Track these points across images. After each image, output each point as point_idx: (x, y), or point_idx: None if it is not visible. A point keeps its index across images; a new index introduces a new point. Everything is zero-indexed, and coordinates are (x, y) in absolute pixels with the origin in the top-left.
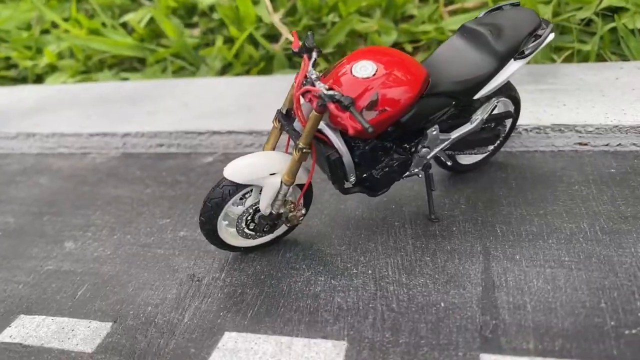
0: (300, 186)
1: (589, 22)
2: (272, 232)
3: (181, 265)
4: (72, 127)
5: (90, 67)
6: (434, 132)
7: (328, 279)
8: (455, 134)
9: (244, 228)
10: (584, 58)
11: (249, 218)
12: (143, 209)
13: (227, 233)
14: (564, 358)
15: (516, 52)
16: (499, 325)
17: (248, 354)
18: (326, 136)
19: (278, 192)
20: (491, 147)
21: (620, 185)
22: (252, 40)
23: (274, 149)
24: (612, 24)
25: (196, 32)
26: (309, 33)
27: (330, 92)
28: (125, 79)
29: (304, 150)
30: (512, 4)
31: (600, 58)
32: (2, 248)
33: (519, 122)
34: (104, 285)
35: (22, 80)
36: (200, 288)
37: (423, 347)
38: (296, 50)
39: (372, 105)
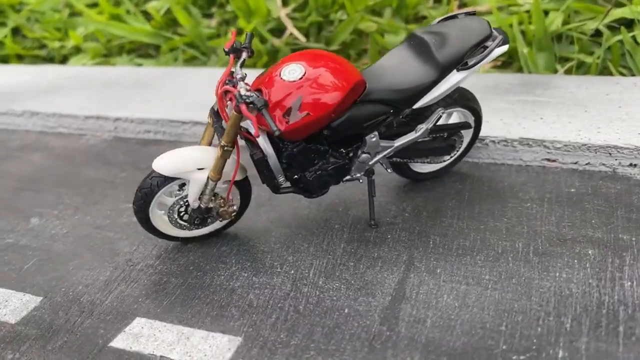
0: (236, 183)
1: (600, 33)
2: (206, 225)
3: (123, 250)
4: (72, 108)
5: (111, 51)
6: (373, 139)
7: (250, 276)
8: (399, 142)
9: (176, 219)
10: (589, 70)
11: (181, 210)
12: (111, 191)
13: (163, 222)
14: None
15: (459, 63)
16: (391, 337)
17: (148, 340)
18: (252, 136)
19: (205, 187)
20: (447, 157)
21: (574, 206)
22: (260, 33)
23: (209, 145)
24: (619, 37)
25: (213, 22)
26: (248, 33)
27: (246, 93)
28: (140, 64)
29: (225, 148)
30: (468, 13)
31: (608, 71)
32: None
33: (489, 132)
34: (49, 261)
35: (50, 60)
36: (132, 273)
37: (310, 351)
38: (226, 49)
39: (294, 109)
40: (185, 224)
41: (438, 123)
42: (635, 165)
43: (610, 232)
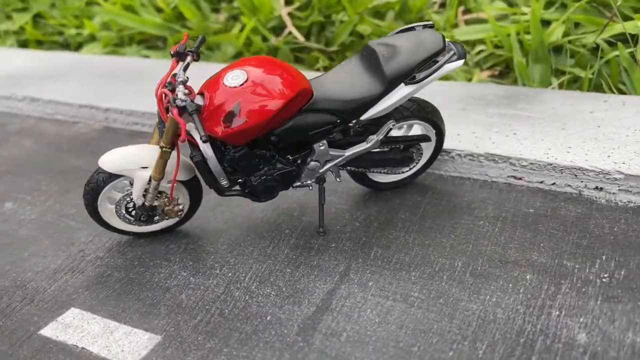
0: (185, 183)
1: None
2: (153, 222)
3: (79, 240)
4: (69, 96)
5: (122, 41)
6: (322, 147)
7: (188, 275)
8: (350, 152)
9: (124, 214)
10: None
11: (129, 205)
12: (85, 181)
13: (113, 216)
14: None
15: (407, 77)
16: (303, 349)
17: (75, 331)
18: (193, 138)
19: (149, 185)
20: (406, 169)
21: (527, 227)
22: (263, 31)
23: (158, 144)
24: (616, 52)
25: (222, 17)
26: (200, 37)
27: (181, 97)
28: (147, 56)
29: (164, 149)
30: (425, 26)
31: (606, 87)
32: None
33: (457, 145)
34: (10, 246)
35: (66, 46)
36: (80, 264)
37: (221, 356)
38: (172, 52)
39: (231, 115)
40: (132, 219)
41: (396, 135)
42: (601, 189)
43: (555, 258)
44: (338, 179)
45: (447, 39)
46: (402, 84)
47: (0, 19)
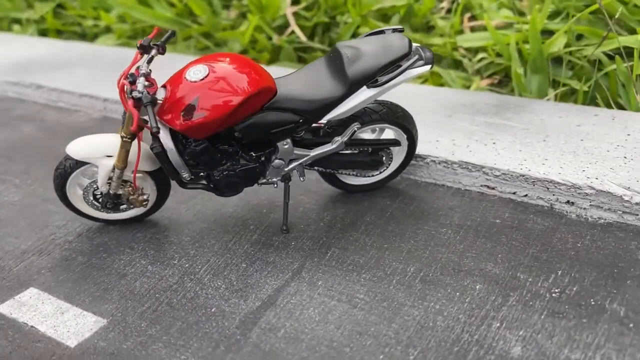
0: (151, 174)
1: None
2: (120, 210)
3: (53, 223)
4: (72, 85)
5: (136, 34)
6: (286, 146)
7: (147, 264)
8: (315, 152)
9: (91, 200)
10: (586, 99)
11: (96, 192)
12: None
13: (82, 202)
14: None
15: (369, 80)
16: (239, 342)
17: (29, 309)
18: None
19: (112, 174)
20: (376, 172)
21: (490, 238)
22: (271, 29)
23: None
24: (614, 66)
25: (232, 14)
26: (170, 31)
27: (139, 89)
28: None
29: (124, 138)
30: (395, 30)
31: (605, 101)
32: None
33: (432, 152)
34: None
35: (83, 37)
36: (49, 246)
37: (159, 343)
38: (138, 45)
39: (190, 109)
40: (99, 205)
41: (367, 138)
42: (572, 203)
43: (510, 270)
44: (302, 178)
45: (419, 45)
46: (365, 87)
47: (23, 7)
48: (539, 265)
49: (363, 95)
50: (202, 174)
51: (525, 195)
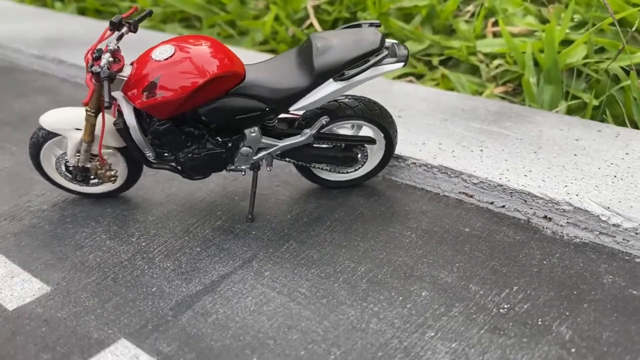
0: (122, 151)
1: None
2: (89, 184)
3: (33, 192)
4: None
5: (166, 18)
6: (253, 134)
7: (107, 239)
8: (284, 143)
9: (64, 171)
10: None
11: (68, 164)
12: None
13: (55, 172)
14: None
15: (336, 73)
16: (168, 323)
17: None
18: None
19: (80, 147)
20: (351, 170)
21: (454, 246)
22: (292, 21)
23: None
24: (628, 82)
25: (260, 4)
26: (147, 10)
27: (102, 64)
28: (181, 34)
29: (88, 112)
30: (372, 24)
31: (621, 118)
32: None
33: (413, 154)
34: None
35: None
36: (22, 213)
37: (91, 315)
38: (110, 21)
39: (151, 87)
40: (70, 176)
41: (343, 133)
42: (549, 219)
43: (463, 280)
44: (268, 168)
45: (396, 42)
46: (331, 80)
47: None
48: (495, 279)
49: (329, 88)
50: (166, 154)
51: (503, 207)
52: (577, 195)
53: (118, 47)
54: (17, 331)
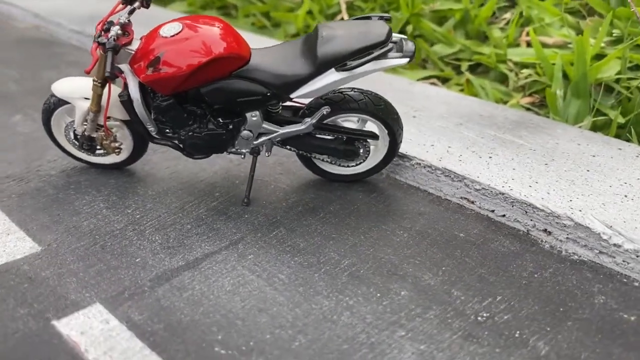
0: (128, 125)
1: None
2: (95, 154)
3: (46, 157)
4: None
5: (206, 4)
6: (254, 118)
7: (104, 208)
8: (284, 130)
9: (72, 139)
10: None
11: (76, 132)
12: None
13: (64, 139)
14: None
15: (338, 63)
16: (144, 293)
17: None
18: (124, 77)
19: (87, 116)
20: (352, 163)
21: (444, 249)
22: (325, 16)
23: None
24: None
25: None
26: None
27: (111, 35)
28: None
29: (94, 82)
30: (381, 17)
31: None
32: None
33: (419, 154)
34: None
35: (160, 2)
36: (31, 176)
37: (72, 278)
38: None
39: (155, 63)
40: (77, 144)
41: (347, 126)
42: (549, 232)
43: (446, 284)
44: (267, 154)
45: (404, 37)
46: (333, 69)
47: None
48: (480, 287)
49: (330, 78)
50: (168, 131)
51: (503, 216)
52: (580, 210)
53: (129, 20)
54: (0, 285)
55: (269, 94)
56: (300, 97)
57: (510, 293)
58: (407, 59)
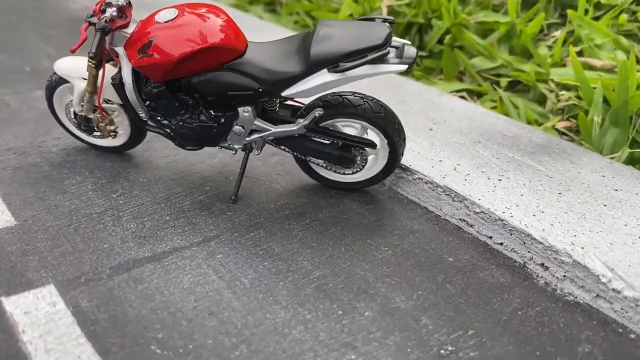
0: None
1: None
2: (93, 135)
3: (52, 135)
4: None
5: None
6: (246, 114)
7: (90, 190)
8: (277, 129)
9: (72, 118)
10: None
11: (76, 111)
12: None
13: (65, 118)
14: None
15: (331, 64)
16: (100, 280)
17: None
18: (119, 59)
19: (84, 96)
20: (348, 171)
21: (427, 273)
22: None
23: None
24: None
25: None
26: None
27: (105, 15)
28: (260, 17)
29: (89, 63)
30: (385, 20)
31: None
32: None
33: (422, 169)
34: (5, 122)
35: None
36: (31, 150)
37: (36, 255)
38: None
39: (146, 47)
40: (76, 123)
41: (344, 132)
42: (546, 267)
43: (417, 310)
44: (257, 152)
45: (408, 43)
46: (325, 70)
47: None
48: (454, 317)
49: (322, 78)
50: (159, 118)
51: (501, 244)
52: (582, 248)
53: (129, 3)
54: None
55: (260, 90)
56: (292, 95)
57: (484, 328)
58: (406, 66)
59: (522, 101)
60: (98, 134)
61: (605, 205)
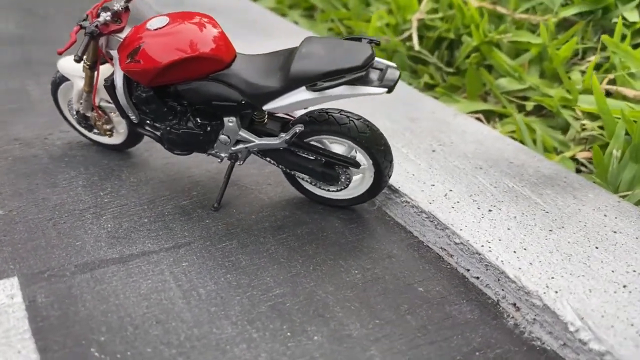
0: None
1: None
2: (92, 132)
3: (60, 128)
4: None
5: (294, 4)
6: (231, 124)
7: (79, 186)
8: (260, 141)
9: (74, 114)
10: None
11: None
12: None
13: (69, 114)
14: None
15: (309, 82)
16: (62, 277)
17: None
18: (112, 62)
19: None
20: (333, 188)
21: (391, 302)
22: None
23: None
24: None
25: (382, 9)
26: None
27: (100, 20)
28: (296, 22)
29: (83, 64)
30: (371, 41)
31: None
32: None
33: (411, 192)
34: (19, 111)
35: None
36: (36, 142)
37: (8, 247)
38: None
39: (134, 53)
40: (77, 119)
41: (328, 149)
42: (518, 308)
43: (369, 340)
44: (240, 162)
45: (394, 65)
46: (304, 88)
47: None
48: (405, 351)
49: (300, 96)
50: (148, 121)
51: (477, 278)
52: (556, 292)
53: (126, 8)
54: None
55: (243, 102)
56: (273, 110)
57: None
58: (385, 90)
59: (542, 127)
60: (97, 131)
61: (597, 248)
